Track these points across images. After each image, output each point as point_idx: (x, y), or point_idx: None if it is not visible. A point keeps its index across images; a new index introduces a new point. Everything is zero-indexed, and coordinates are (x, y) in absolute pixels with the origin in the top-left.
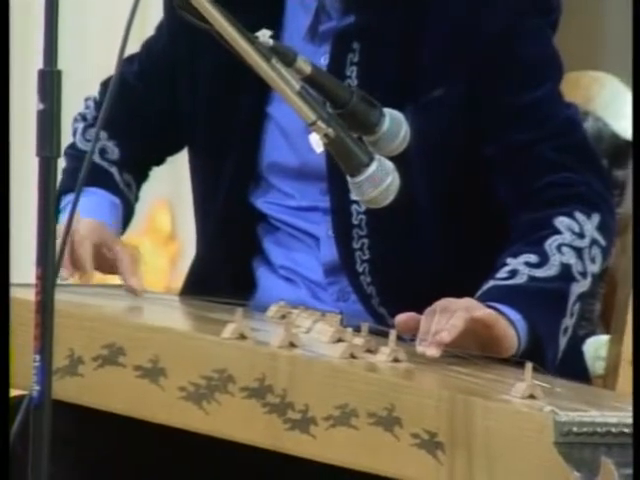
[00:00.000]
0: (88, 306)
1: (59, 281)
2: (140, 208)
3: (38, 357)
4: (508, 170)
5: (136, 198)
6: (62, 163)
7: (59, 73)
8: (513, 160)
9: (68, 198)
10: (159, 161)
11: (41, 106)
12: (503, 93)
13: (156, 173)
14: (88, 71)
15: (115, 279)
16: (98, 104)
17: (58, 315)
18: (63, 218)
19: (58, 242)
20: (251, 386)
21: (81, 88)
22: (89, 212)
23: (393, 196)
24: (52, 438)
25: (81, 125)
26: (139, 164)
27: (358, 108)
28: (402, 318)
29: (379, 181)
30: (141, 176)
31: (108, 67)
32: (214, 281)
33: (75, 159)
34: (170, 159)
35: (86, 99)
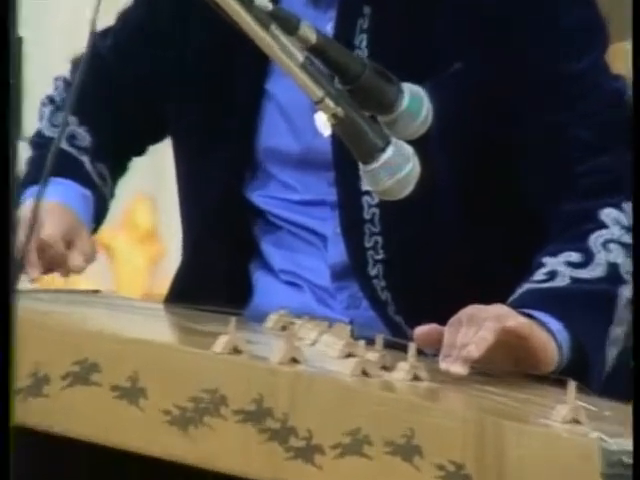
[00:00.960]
0: (56, 314)
1: (24, 283)
2: (116, 201)
3: None
4: (543, 154)
5: (111, 194)
6: (26, 152)
7: (20, 40)
8: (548, 143)
9: (32, 190)
10: (139, 151)
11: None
12: (538, 64)
13: (135, 162)
14: (56, 47)
15: (84, 283)
16: (69, 85)
17: (20, 325)
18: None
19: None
20: (247, 409)
21: (48, 68)
22: (54, 197)
23: (412, 186)
24: (14, 471)
25: (48, 109)
26: (115, 153)
27: (372, 83)
28: (422, 330)
29: (396, 169)
30: (117, 168)
31: (78, 42)
32: (204, 287)
33: (41, 147)
34: (152, 148)
35: (55, 79)
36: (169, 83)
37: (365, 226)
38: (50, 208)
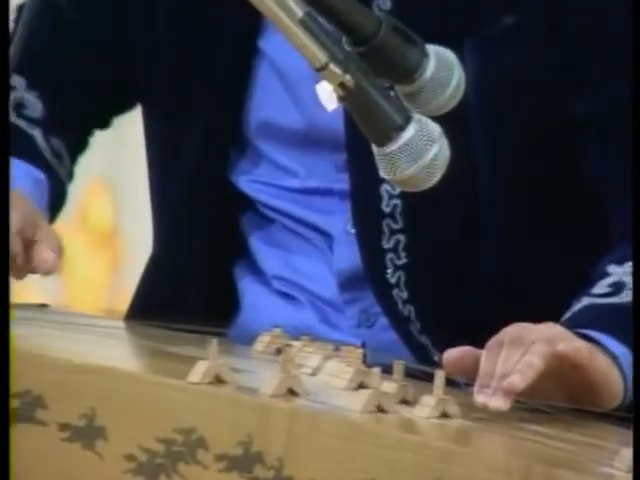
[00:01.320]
0: None
1: None
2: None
3: None
4: (609, 136)
5: (70, 174)
6: None
7: None
8: (617, 122)
9: None
10: (103, 122)
11: None
12: (608, 22)
13: (91, 143)
14: None
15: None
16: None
17: None
18: None
19: None
20: (232, 453)
21: None
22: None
23: (440, 174)
24: None
25: None
26: (74, 125)
27: (389, 44)
28: (453, 353)
29: (419, 152)
30: (77, 143)
31: None
32: (177, 298)
33: None
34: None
35: None
36: (139, 37)
37: (384, 222)
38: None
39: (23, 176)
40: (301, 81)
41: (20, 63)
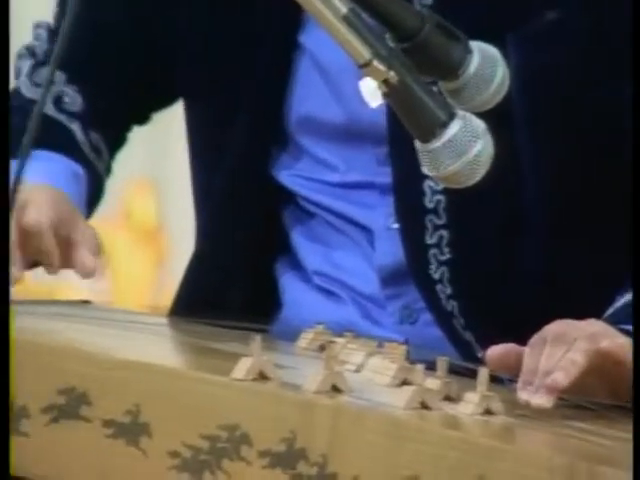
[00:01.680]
0: (34, 333)
1: None
2: (111, 191)
3: None
4: None
5: (108, 169)
6: None
7: None
8: None
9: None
10: (143, 117)
11: None
12: None
13: (134, 141)
14: None
15: (72, 293)
16: (53, 33)
17: None
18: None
19: None
20: (275, 450)
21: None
22: (41, 178)
23: (484, 170)
24: None
25: (28, 63)
26: (113, 120)
27: (433, 40)
28: (496, 350)
29: (463, 149)
30: (115, 138)
31: None
32: (219, 294)
33: (18, 112)
34: (154, 119)
35: (35, 26)
36: (181, 32)
37: (427, 217)
38: (34, 191)
39: (63, 171)
40: (342, 75)
41: (61, 58)
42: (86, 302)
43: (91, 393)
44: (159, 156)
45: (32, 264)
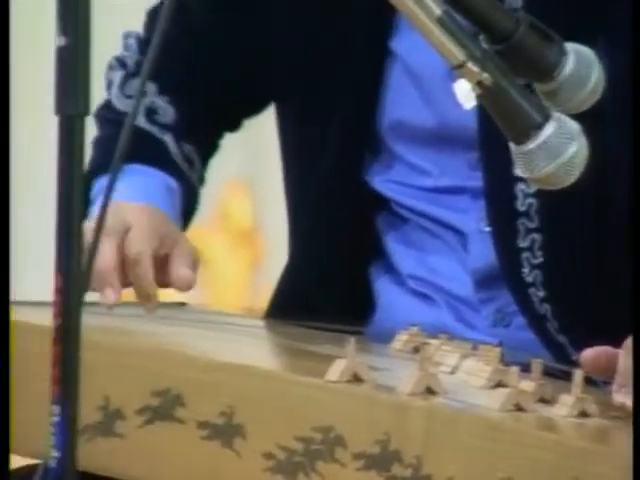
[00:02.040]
0: (130, 334)
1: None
2: (207, 193)
3: (58, 409)
4: None
5: (201, 180)
6: (92, 131)
7: None
8: None
9: (103, 182)
10: (233, 125)
11: (62, 41)
12: None
13: (229, 143)
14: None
15: (169, 295)
16: (143, 43)
17: (86, 348)
18: (95, 210)
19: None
20: (370, 452)
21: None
22: (136, 197)
23: (579, 172)
24: None
25: (119, 75)
26: (204, 130)
27: (527, 42)
28: (591, 353)
29: (558, 150)
30: (207, 147)
31: None
32: (315, 297)
33: (111, 124)
34: (248, 123)
35: (125, 36)
36: (273, 38)
37: (519, 221)
38: (136, 213)
39: (158, 186)
40: (432, 80)
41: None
42: (182, 304)
43: (186, 395)
44: (255, 157)
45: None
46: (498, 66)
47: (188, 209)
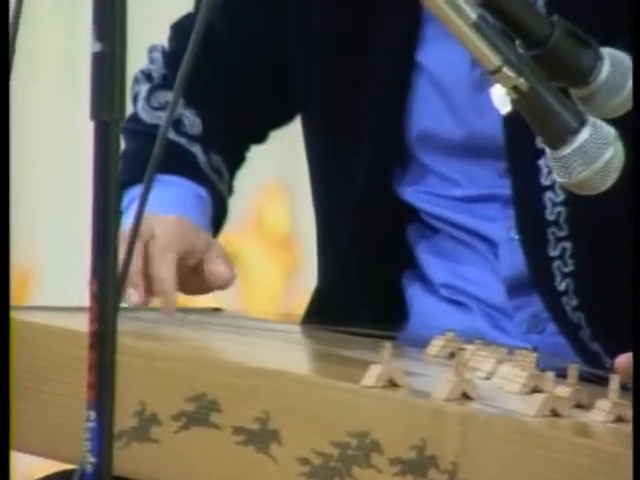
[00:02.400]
0: (165, 340)
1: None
2: (241, 198)
3: (93, 414)
4: None
5: (229, 190)
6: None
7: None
8: None
9: (133, 192)
10: (260, 137)
11: (98, 46)
12: None
13: (265, 148)
14: (164, 6)
15: (204, 301)
16: (168, 57)
17: (122, 353)
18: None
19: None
20: (406, 457)
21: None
22: (168, 207)
23: (615, 177)
24: None
25: (145, 87)
26: (231, 141)
27: (563, 47)
28: (625, 360)
29: (594, 156)
30: (234, 159)
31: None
32: (349, 305)
33: (138, 136)
34: (284, 128)
35: (150, 50)
36: (298, 54)
37: (549, 230)
38: (165, 224)
39: (188, 196)
40: (458, 91)
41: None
42: (218, 310)
43: (221, 400)
44: (292, 162)
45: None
46: (534, 71)
47: (218, 218)
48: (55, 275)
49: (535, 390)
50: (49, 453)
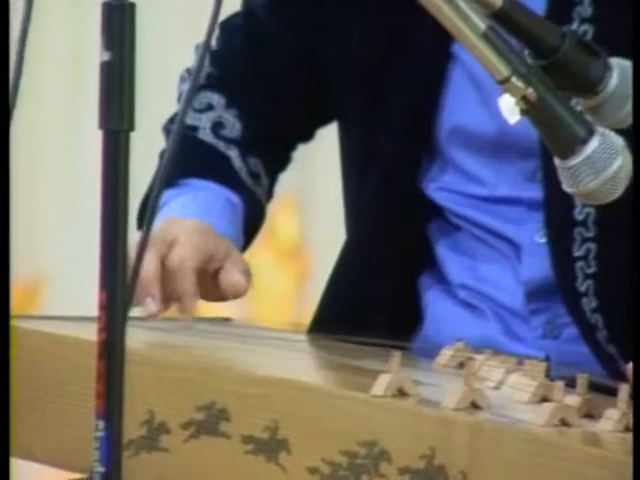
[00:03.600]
0: (174, 349)
1: (137, 314)
2: None
3: (102, 424)
4: None
5: (269, 194)
6: (161, 144)
7: (132, 6)
8: None
9: (166, 196)
10: (306, 135)
11: (106, 56)
12: None
13: None
14: (175, 15)
15: (214, 310)
16: (214, 55)
17: (131, 362)
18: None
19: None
20: (414, 466)
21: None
22: (191, 212)
23: (624, 187)
24: None
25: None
26: (274, 142)
27: (572, 58)
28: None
29: (602, 165)
30: (277, 160)
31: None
32: (361, 310)
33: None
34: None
35: (197, 48)
36: (336, 48)
37: (576, 230)
38: (186, 229)
39: (215, 201)
40: (494, 87)
41: (220, 82)
42: (227, 319)
43: (230, 409)
44: (302, 173)
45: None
46: (543, 81)
47: (253, 223)
48: (66, 284)
49: (544, 399)
50: (58, 462)
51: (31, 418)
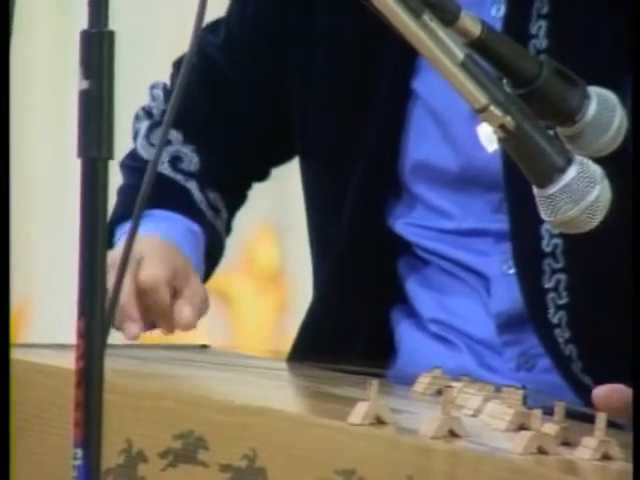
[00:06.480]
0: (152, 377)
1: (116, 339)
2: (232, 236)
3: (80, 452)
4: None
5: (228, 228)
6: (117, 180)
7: (111, 35)
8: None
9: (125, 228)
10: (261, 174)
11: (85, 84)
12: None
13: (255, 188)
14: (154, 46)
15: (198, 336)
16: (169, 94)
17: (108, 390)
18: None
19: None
20: None
21: (143, 72)
22: (153, 231)
23: (602, 216)
24: None
25: (145, 124)
26: (230, 179)
27: (550, 86)
28: (603, 391)
29: (580, 194)
30: (234, 197)
31: (182, 38)
32: (337, 340)
33: (136, 173)
34: (274, 168)
35: (151, 87)
36: (296, 88)
37: (545, 261)
38: (150, 244)
39: (179, 228)
40: (455, 121)
41: (177, 117)
42: (204, 347)
43: (208, 438)
44: (282, 202)
45: (151, 325)
46: (521, 109)
47: (213, 255)
48: (50, 310)
49: (522, 427)
50: None
51: (16, 447)
